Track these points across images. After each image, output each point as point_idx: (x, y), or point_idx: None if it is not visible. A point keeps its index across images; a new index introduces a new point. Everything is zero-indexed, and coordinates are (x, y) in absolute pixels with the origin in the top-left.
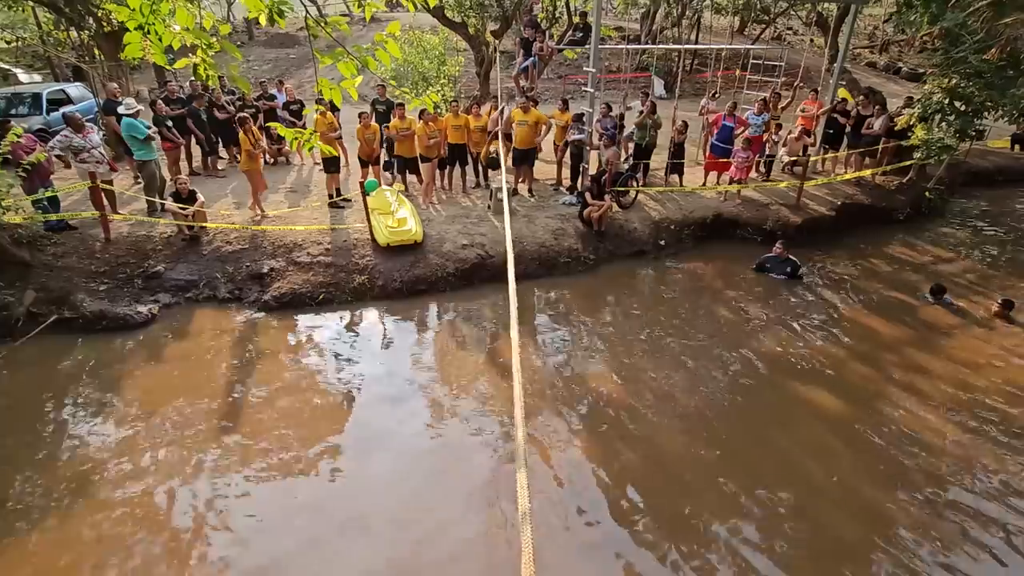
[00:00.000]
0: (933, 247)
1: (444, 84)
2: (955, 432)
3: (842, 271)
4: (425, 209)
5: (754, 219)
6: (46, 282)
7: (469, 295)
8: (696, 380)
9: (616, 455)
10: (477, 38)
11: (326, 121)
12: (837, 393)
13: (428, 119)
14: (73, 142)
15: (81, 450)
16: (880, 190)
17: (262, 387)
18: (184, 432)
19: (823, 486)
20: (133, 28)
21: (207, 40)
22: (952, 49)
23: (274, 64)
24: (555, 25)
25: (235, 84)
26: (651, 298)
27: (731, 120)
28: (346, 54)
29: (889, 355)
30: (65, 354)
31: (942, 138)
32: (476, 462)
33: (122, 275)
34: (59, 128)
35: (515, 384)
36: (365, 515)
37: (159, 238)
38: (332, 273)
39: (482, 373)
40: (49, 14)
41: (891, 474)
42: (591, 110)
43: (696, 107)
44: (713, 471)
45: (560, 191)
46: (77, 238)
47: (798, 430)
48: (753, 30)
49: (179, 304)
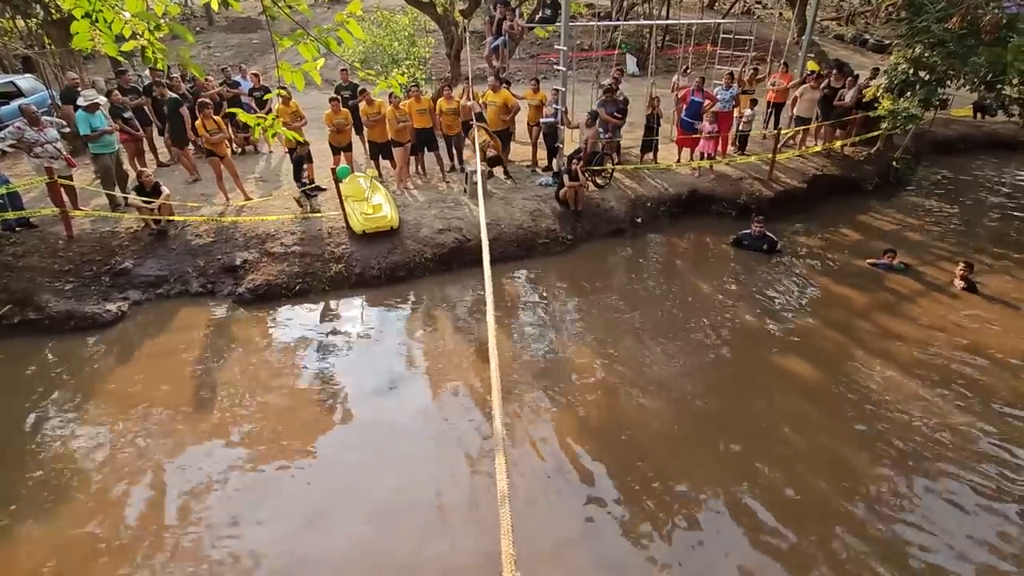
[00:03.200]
0: (901, 215)
1: (413, 66)
2: (924, 392)
3: (814, 242)
4: (400, 194)
5: (728, 194)
6: (8, 283)
7: (448, 280)
8: (675, 354)
9: (598, 430)
10: (446, 18)
11: (289, 109)
12: (812, 360)
13: (396, 103)
14: (25, 135)
15: (54, 453)
16: (849, 161)
17: (239, 382)
18: (159, 431)
19: (802, 450)
20: (80, 16)
21: (155, 22)
22: (915, 19)
23: (236, 50)
24: (525, 3)
25: (187, 68)
26: (629, 276)
27: (700, 95)
28: (306, 35)
29: (860, 322)
30: (32, 356)
31: (907, 108)
32: (458, 446)
33: (88, 273)
34: (10, 122)
35: (492, 369)
36: (345, 504)
37: (125, 233)
38: (307, 263)
39: (463, 357)
40: None
41: (866, 435)
42: (563, 89)
43: (669, 84)
44: (694, 441)
45: (536, 172)
46: (38, 236)
47: (776, 398)
48: (723, 5)
49: (150, 300)
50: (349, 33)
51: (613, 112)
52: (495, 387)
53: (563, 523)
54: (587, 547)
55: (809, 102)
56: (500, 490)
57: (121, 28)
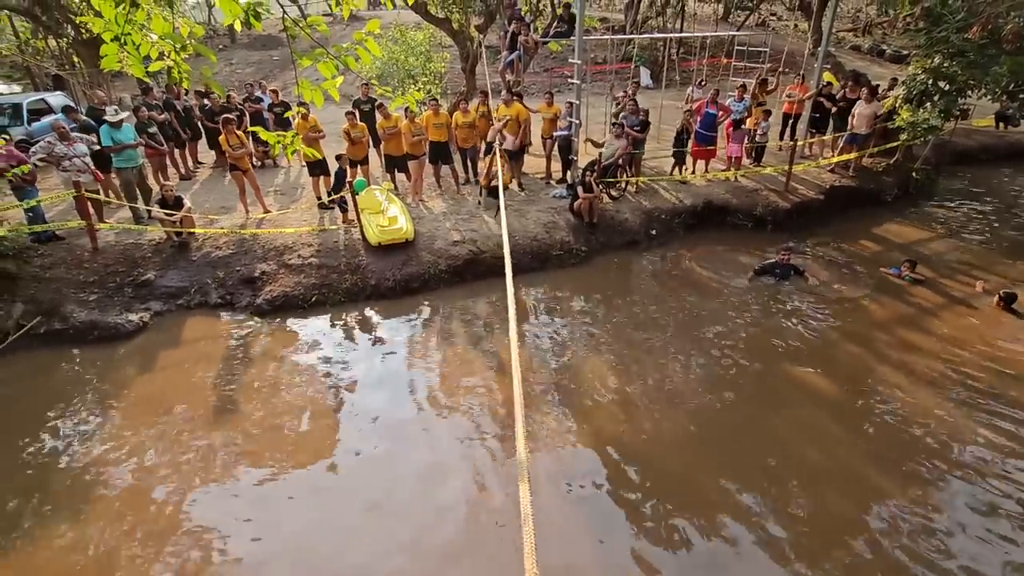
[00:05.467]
0: (921, 227)
1: (430, 81)
2: (946, 408)
3: (832, 254)
4: (415, 207)
5: (744, 205)
6: (35, 294)
7: (462, 292)
8: (691, 367)
9: (614, 444)
10: (461, 33)
11: (307, 124)
12: (831, 374)
13: (411, 116)
14: (55, 149)
15: (77, 460)
16: (867, 172)
17: (256, 391)
18: (178, 439)
19: (821, 465)
20: (109, 39)
21: (181, 43)
22: (934, 29)
23: (257, 66)
24: (539, 18)
25: (209, 86)
26: (644, 288)
27: (713, 107)
28: (325, 54)
29: (881, 335)
30: (57, 365)
31: (927, 119)
32: (474, 460)
33: (112, 284)
34: (41, 138)
35: (515, 393)
36: (361, 515)
37: (148, 245)
38: (324, 274)
39: (477, 369)
40: (26, 23)
41: (885, 451)
42: (578, 102)
43: (683, 96)
44: (712, 456)
45: (550, 184)
46: (64, 248)
47: (794, 411)
48: (737, 17)
49: (170, 311)
50: (367, 51)
51: (635, 124)
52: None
53: (580, 539)
54: (603, 564)
55: (865, 118)
56: (523, 508)
57: (149, 50)
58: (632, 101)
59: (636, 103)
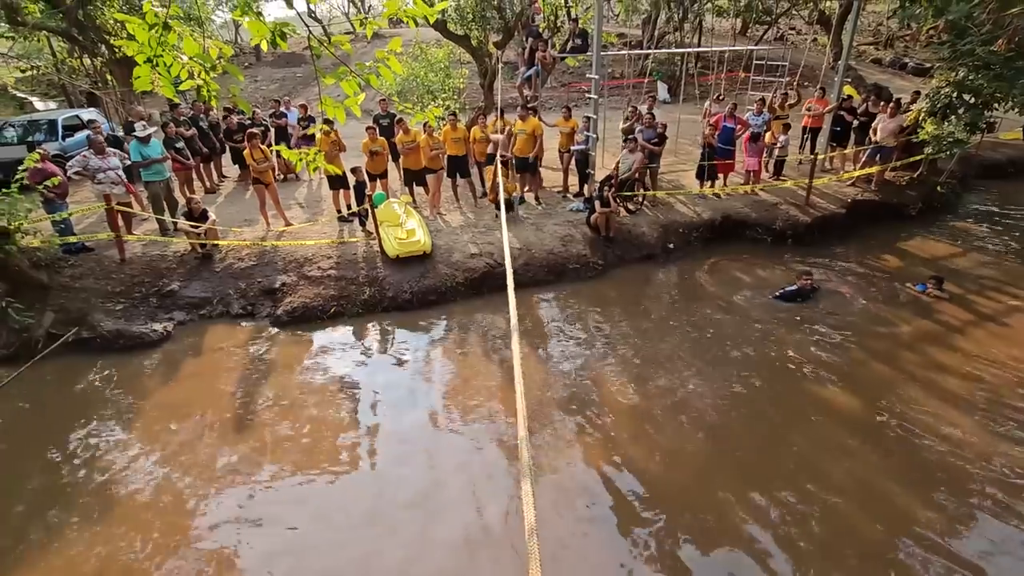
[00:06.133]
0: (946, 242)
1: (449, 97)
2: (974, 428)
3: (855, 269)
4: (433, 220)
5: (763, 219)
6: (64, 303)
7: (479, 304)
8: (708, 383)
9: (630, 460)
10: (480, 50)
11: (329, 139)
12: (853, 391)
13: (430, 131)
14: (90, 163)
15: (101, 466)
16: (890, 186)
17: (276, 401)
18: (198, 447)
19: (844, 485)
20: (142, 62)
21: (211, 63)
22: (958, 42)
23: (281, 83)
24: (557, 34)
25: (236, 103)
26: (660, 302)
27: (731, 121)
28: (349, 72)
29: (905, 352)
30: (84, 373)
31: (953, 132)
32: (487, 472)
33: (138, 294)
34: (75, 152)
35: (518, 398)
36: (373, 525)
37: (173, 257)
38: (343, 286)
39: (493, 381)
40: (63, 43)
41: (912, 472)
42: (595, 116)
43: (700, 110)
44: (730, 473)
45: (567, 198)
46: (94, 259)
47: (815, 430)
48: (756, 31)
49: (193, 321)
50: (389, 69)
51: (652, 138)
52: (520, 416)
53: (592, 555)
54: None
55: (889, 132)
56: (528, 521)
57: (179, 70)
58: (649, 115)
59: (653, 116)
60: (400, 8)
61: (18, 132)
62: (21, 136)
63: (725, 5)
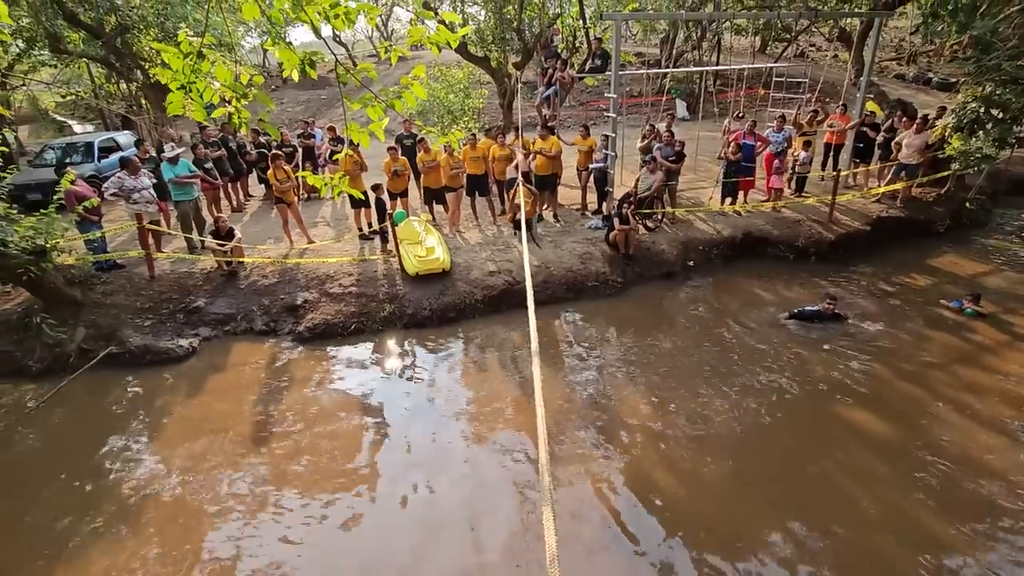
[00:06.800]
0: (977, 259)
1: (470, 119)
2: (1009, 452)
3: (881, 287)
4: (452, 237)
5: (785, 236)
6: (96, 319)
7: (497, 321)
8: (731, 403)
9: (651, 484)
10: (500, 71)
11: (352, 159)
12: (881, 414)
13: (450, 150)
14: (125, 183)
15: (127, 479)
16: (916, 203)
17: (297, 417)
18: (222, 461)
19: (875, 511)
20: (175, 88)
21: (242, 90)
22: (984, 57)
23: (306, 105)
24: (575, 54)
25: (265, 129)
26: (680, 320)
27: (751, 138)
28: (373, 98)
29: (936, 373)
30: (112, 388)
31: (980, 148)
32: (506, 494)
33: (165, 310)
34: (110, 173)
35: (539, 424)
36: (393, 544)
37: (199, 274)
38: (363, 303)
39: (512, 400)
40: (101, 69)
41: (944, 499)
42: (613, 135)
43: (719, 128)
44: (753, 497)
45: (586, 215)
46: (124, 276)
47: (842, 454)
48: (775, 49)
49: (218, 337)
50: (412, 93)
51: (670, 156)
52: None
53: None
54: None
55: (915, 148)
56: (549, 547)
57: (211, 97)
58: (668, 133)
59: (672, 134)
60: (423, 36)
61: (57, 154)
62: (60, 158)
63: (743, 24)
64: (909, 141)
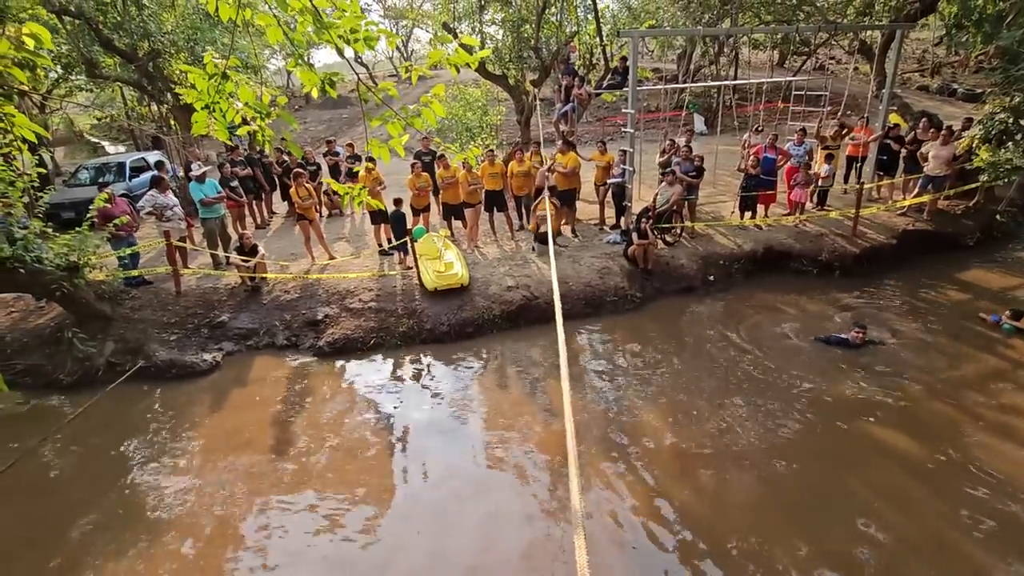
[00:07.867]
0: (1011, 273)
1: (488, 136)
2: None
3: (909, 302)
4: (471, 253)
5: (808, 251)
6: (124, 334)
7: (516, 336)
8: (756, 421)
9: (674, 500)
10: (517, 88)
11: (372, 176)
12: (913, 433)
13: (468, 167)
14: (158, 201)
15: (151, 491)
16: (944, 215)
17: (316, 431)
18: (243, 474)
19: (910, 535)
20: (200, 108)
21: (264, 109)
22: (1011, 67)
23: (328, 124)
24: (592, 71)
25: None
26: (701, 336)
27: (772, 152)
28: (394, 115)
29: (970, 392)
30: (138, 401)
31: (1011, 159)
32: (528, 514)
33: (190, 325)
34: (141, 192)
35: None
36: (411, 559)
37: (224, 289)
38: (382, 318)
39: (531, 416)
40: (134, 91)
41: (982, 523)
42: (631, 150)
43: (738, 141)
44: (781, 518)
45: (604, 230)
46: (152, 292)
47: (873, 473)
48: (794, 62)
49: (241, 352)
50: (432, 112)
51: (689, 171)
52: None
53: None
54: None
55: (942, 160)
56: (580, 567)
57: (234, 116)
58: (687, 147)
59: (691, 149)
60: (443, 58)
61: (91, 174)
62: (93, 177)
63: (761, 38)
64: (936, 153)
